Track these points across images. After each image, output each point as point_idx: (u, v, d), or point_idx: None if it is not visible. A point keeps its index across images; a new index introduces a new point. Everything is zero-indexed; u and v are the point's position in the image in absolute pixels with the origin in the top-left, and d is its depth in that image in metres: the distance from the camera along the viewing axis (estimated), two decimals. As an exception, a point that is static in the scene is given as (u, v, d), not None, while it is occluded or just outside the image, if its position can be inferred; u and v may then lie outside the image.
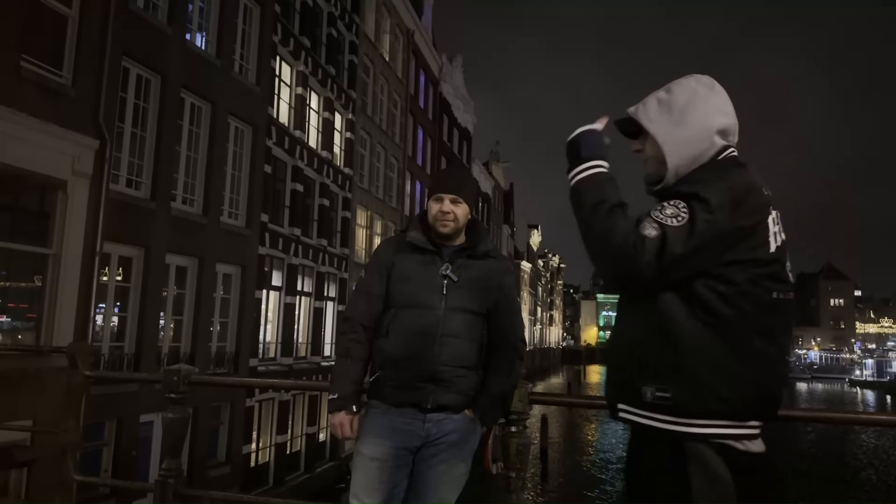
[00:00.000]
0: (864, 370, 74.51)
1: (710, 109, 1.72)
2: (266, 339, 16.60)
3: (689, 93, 1.74)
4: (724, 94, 1.76)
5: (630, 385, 1.65)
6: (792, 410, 2.42)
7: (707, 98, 1.73)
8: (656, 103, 1.77)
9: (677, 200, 1.58)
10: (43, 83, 9.60)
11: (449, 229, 2.43)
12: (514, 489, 2.59)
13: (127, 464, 11.34)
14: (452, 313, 2.34)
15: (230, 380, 12.82)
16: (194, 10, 13.82)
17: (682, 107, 1.72)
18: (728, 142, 1.74)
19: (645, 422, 1.64)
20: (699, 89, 1.74)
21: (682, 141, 1.71)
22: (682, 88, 1.76)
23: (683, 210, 1.55)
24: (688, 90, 1.75)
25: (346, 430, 2.33)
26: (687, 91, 1.74)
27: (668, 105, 1.74)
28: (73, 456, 3.37)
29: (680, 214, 1.55)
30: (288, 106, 17.77)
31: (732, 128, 1.75)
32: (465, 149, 39.03)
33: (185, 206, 13.25)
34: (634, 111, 1.81)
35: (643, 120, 1.77)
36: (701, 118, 1.71)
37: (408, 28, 28.06)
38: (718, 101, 1.74)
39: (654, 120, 1.75)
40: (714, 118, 1.72)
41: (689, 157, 1.70)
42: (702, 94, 1.73)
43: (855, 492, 22.54)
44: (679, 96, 1.74)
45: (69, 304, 9.96)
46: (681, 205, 1.56)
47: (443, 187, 2.46)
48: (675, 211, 1.56)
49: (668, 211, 1.56)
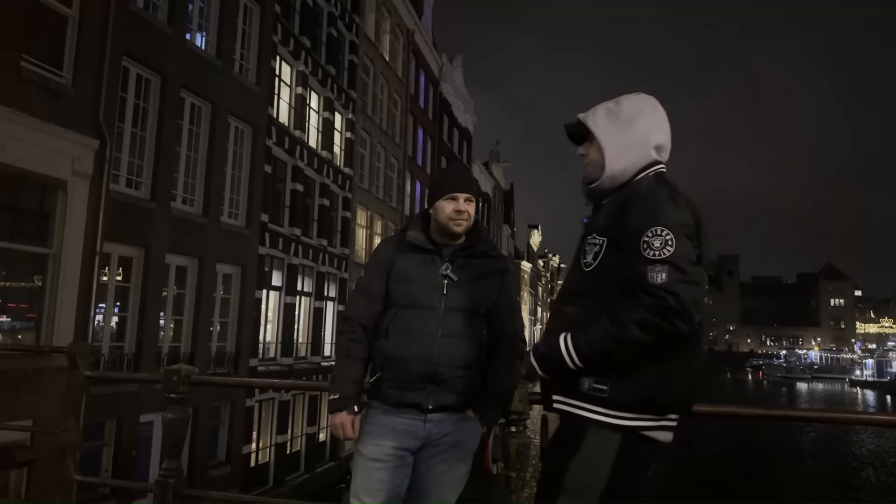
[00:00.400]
0: (865, 370, 74.46)
1: (652, 125, 1.92)
2: (266, 339, 16.60)
3: (636, 107, 1.93)
4: (664, 116, 1.96)
5: (569, 377, 1.81)
6: (792, 410, 2.44)
7: (651, 115, 1.93)
8: (605, 112, 1.95)
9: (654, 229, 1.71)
10: (43, 83, 9.60)
11: (463, 229, 2.42)
12: (514, 489, 2.59)
13: (127, 464, 11.34)
14: (452, 313, 2.34)
15: (230, 380, 12.83)
16: (194, 10, 13.82)
17: (628, 118, 1.91)
18: (661, 157, 1.93)
19: (577, 412, 1.78)
20: (644, 107, 1.94)
21: (622, 147, 1.89)
22: (630, 102, 1.95)
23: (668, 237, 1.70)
24: (635, 105, 1.94)
25: (346, 430, 2.32)
26: (634, 105, 1.94)
27: (616, 114, 1.93)
28: (73, 456, 3.37)
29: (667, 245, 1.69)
30: (288, 106, 17.77)
31: (666, 146, 1.94)
32: (465, 149, 39.03)
33: (185, 206, 13.25)
34: (584, 116, 1.99)
35: (591, 124, 1.95)
36: (643, 130, 1.90)
37: (408, 28, 28.06)
38: (660, 119, 1.94)
39: (600, 125, 1.93)
40: (654, 133, 1.91)
41: (625, 163, 1.88)
42: (646, 110, 1.93)
43: (855, 492, 22.54)
44: (626, 108, 1.93)
45: (69, 304, 9.96)
46: (666, 234, 1.70)
47: (457, 186, 2.44)
48: (661, 242, 1.70)
49: (656, 243, 1.70)
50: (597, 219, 1.93)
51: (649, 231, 1.70)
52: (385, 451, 2.29)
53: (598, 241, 1.85)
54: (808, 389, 66.22)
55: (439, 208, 2.43)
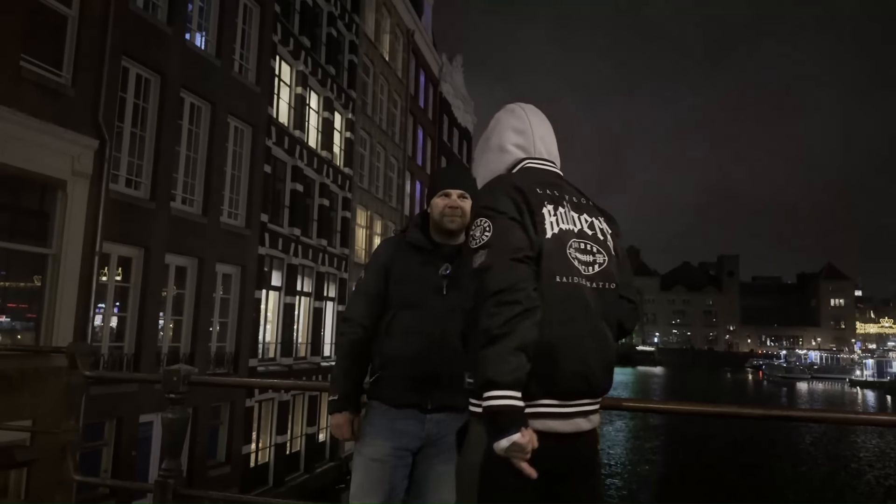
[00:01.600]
0: (865, 370, 74.51)
1: (505, 130, 2.06)
2: (266, 340, 16.61)
3: (495, 121, 2.11)
4: (522, 115, 2.07)
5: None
6: (792, 410, 2.42)
7: (505, 121, 2.08)
8: (481, 139, 2.16)
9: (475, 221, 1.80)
10: (43, 83, 9.60)
11: (456, 225, 2.42)
12: (514, 489, 2.58)
13: (127, 464, 11.34)
14: (452, 313, 2.34)
15: (230, 380, 12.83)
16: (194, 9, 13.82)
17: (488, 134, 2.11)
18: (528, 153, 2.03)
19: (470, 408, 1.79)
20: (502, 115, 2.10)
21: (484, 161, 2.08)
22: (493, 120, 2.13)
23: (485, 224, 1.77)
24: (495, 119, 2.12)
25: (346, 430, 2.32)
26: (494, 120, 2.12)
27: (484, 137, 2.13)
28: (72, 456, 3.36)
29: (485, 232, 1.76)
30: (288, 106, 17.78)
31: (526, 143, 2.04)
32: (465, 149, 39.06)
33: (184, 206, 13.25)
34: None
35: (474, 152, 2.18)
36: (497, 139, 2.06)
37: (408, 28, 28.07)
38: (514, 121, 2.07)
39: (475, 153, 2.16)
40: (507, 136, 2.05)
41: (487, 172, 2.05)
42: (502, 118, 2.09)
43: (855, 492, 22.55)
44: (489, 126, 2.12)
45: (69, 304, 9.96)
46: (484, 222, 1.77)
47: (449, 183, 2.46)
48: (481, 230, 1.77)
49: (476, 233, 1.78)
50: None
51: (474, 223, 1.80)
52: (385, 451, 2.29)
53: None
54: (808, 389, 66.27)
55: (434, 205, 2.45)
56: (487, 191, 1.89)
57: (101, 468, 11.19)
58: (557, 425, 1.74)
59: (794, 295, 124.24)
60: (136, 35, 11.51)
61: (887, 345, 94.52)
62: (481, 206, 1.82)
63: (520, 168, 2.00)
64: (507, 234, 1.74)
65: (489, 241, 1.74)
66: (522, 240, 1.75)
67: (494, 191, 1.86)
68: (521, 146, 2.03)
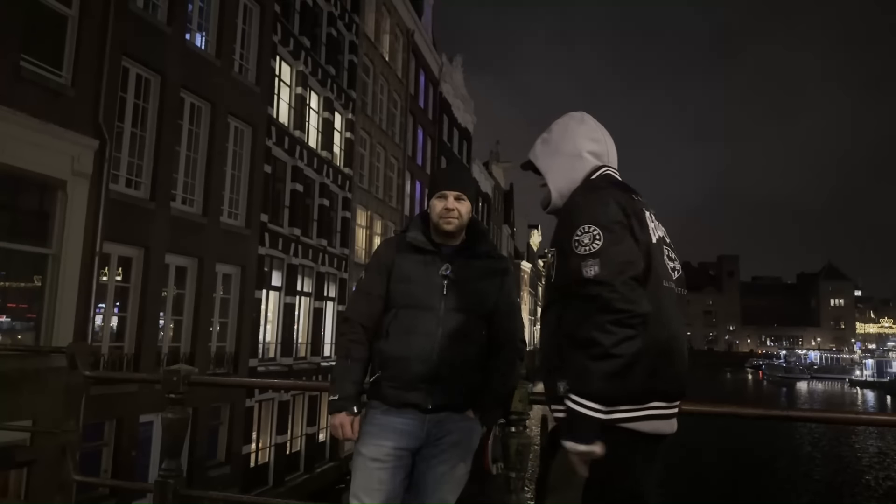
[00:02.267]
0: (865, 370, 74.49)
1: (579, 137, 2.06)
2: (266, 340, 16.60)
3: (562, 127, 2.11)
4: (592, 124, 2.11)
5: (551, 386, 1.86)
6: (792, 410, 2.44)
7: (576, 129, 2.08)
8: (541, 142, 2.14)
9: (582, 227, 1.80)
10: (43, 83, 9.60)
11: (453, 227, 2.42)
12: (513, 489, 2.59)
13: (127, 464, 11.34)
14: (452, 314, 2.34)
15: (230, 380, 12.82)
16: (194, 10, 13.82)
17: (556, 140, 2.09)
18: (602, 161, 2.06)
19: (559, 415, 1.81)
20: (570, 123, 2.11)
21: (557, 168, 2.06)
22: (557, 125, 2.12)
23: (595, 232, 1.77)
24: (561, 125, 2.12)
25: (346, 431, 2.32)
26: (560, 126, 2.11)
27: (548, 141, 2.11)
28: (72, 456, 3.36)
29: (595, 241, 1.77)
30: (288, 106, 17.77)
31: (602, 151, 2.07)
32: (465, 149, 39.04)
33: (184, 206, 13.25)
34: (531, 153, 2.16)
35: (533, 157, 2.14)
36: (570, 146, 2.06)
37: (408, 28, 28.07)
38: (586, 129, 2.09)
39: (539, 156, 2.12)
40: (583, 143, 2.05)
41: (565, 180, 2.03)
42: (572, 126, 2.09)
43: (855, 492, 22.54)
44: (555, 132, 2.11)
45: (69, 304, 9.96)
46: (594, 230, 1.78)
47: (446, 184, 2.46)
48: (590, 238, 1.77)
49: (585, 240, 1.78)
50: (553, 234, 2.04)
51: (578, 230, 1.79)
52: (385, 452, 2.29)
53: (551, 252, 1.95)
54: (808, 389, 66.23)
55: (432, 206, 2.46)
56: (592, 197, 1.88)
57: (101, 468, 11.18)
58: (663, 426, 1.80)
59: (794, 295, 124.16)
60: (136, 35, 11.50)
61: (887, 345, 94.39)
62: (588, 212, 1.81)
63: (600, 175, 2.02)
64: (620, 245, 1.76)
65: (601, 251, 1.74)
66: (634, 252, 1.77)
67: (601, 196, 1.86)
68: (597, 154, 2.06)
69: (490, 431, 2.48)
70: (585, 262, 1.74)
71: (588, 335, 1.68)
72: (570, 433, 1.70)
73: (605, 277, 1.70)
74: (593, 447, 1.67)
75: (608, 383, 1.67)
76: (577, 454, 1.68)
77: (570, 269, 1.77)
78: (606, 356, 1.66)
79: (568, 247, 1.81)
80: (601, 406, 1.68)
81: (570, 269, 1.78)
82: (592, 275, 1.72)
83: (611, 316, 1.67)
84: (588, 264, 1.73)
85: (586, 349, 1.68)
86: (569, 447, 1.69)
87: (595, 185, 1.96)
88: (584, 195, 1.91)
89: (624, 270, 1.72)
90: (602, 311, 1.68)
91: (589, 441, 1.67)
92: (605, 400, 1.68)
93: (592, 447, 1.67)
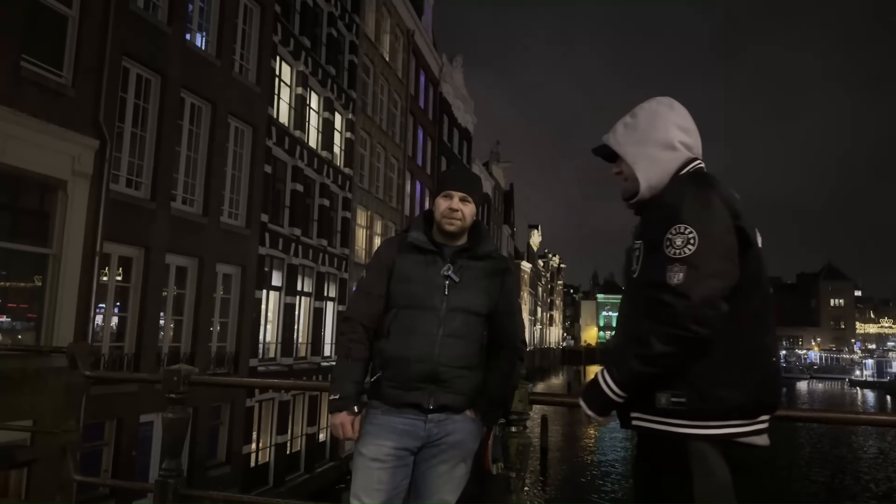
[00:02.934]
0: (865, 370, 74.50)
1: (670, 126, 1.90)
2: (266, 339, 16.60)
3: (650, 113, 1.93)
4: (683, 112, 1.94)
5: (641, 393, 1.74)
6: (792, 411, 2.43)
7: (667, 116, 1.91)
8: (623, 127, 1.97)
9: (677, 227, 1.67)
10: (43, 83, 9.60)
11: (455, 228, 2.42)
12: (514, 489, 2.59)
13: (127, 464, 11.34)
14: (453, 314, 2.34)
15: (230, 380, 12.81)
16: (194, 10, 13.82)
17: (645, 127, 1.92)
18: (692, 154, 1.90)
19: (660, 427, 1.71)
20: (659, 109, 1.93)
21: (648, 157, 1.89)
22: (644, 111, 1.95)
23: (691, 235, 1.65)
24: (648, 111, 1.94)
25: (347, 430, 2.32)
26: (648, 112, 1.94)
27: (634, 127, 1.94)
28: (73, 456, 3.37)
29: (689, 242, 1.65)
30: (288, 106, 17.77)
31: (693, 142, 1.92)
32: (465, 149, 39.04)
33: (185, 206, 13.25)
34: (607, 138, 2.00)
35: (613, 144, 1.97)
36: (662, 135, 1.89)
37: (408, 28, 28.07)
38: (677, 118, 1.92)
39: (622, 142, 1.95)
40: (674, 133, 1.89)
41: (657, 171, 1.88)
42: (662, 112, 1.92)
43: (855, 493, 22.53)
44: (641, 118, 1.94)
45: (69, 304, 9.96)
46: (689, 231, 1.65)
47: (453, 185, 2.45)
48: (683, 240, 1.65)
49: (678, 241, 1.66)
50: (638, 226, 1.92)
51: (672, 229, 1.67)
52: (385, 452, 2.29)
53: (637, 246, 1.84)
54: (808, 389, 66.23)
55: (437, 205, 2.46)
56: (694, 194, 1.72)
57: (101, 468, 11.18)
58: (761, 440, 1.75)
59: (793, 295, 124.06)
60: (136, 35, 11.51)
61: (887, 345, 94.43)
62: (689, 212, 1.68)
63: (694, 169, 1.87)
64: (713, 254, 1.63)
65: (691, 258, 1.62)
66: (728, 263, 1.65)
67: (704, 196, 1.71)
68: (688, 145, 1.90)
69: (490, 431, 2.48)
70: (672, 267, 1.64)
71: (644, 334, 1.66)
72: (585, 395, 1.84)
73: (686, 289, 1.60)
74: (598, 417, 1.83)
75: (635, 382, 1.72)
76: (588, 416, 1.85)
77: (654, 268, 1.69)
78: (648, 362, 1.66)
79: (656, 244, 1.71)
80: (620, 392, 1.75)
81: (653, 268, 1.70)
82: (675, 282, 1.62)
83: (673, 329, 1.60)
84: (674, 269, 1.63)
85: (636, 344, 1.68)
86: (581, 405, 1.85)
87: (697, 181, 1.80)
88: (684, 191, 1.75)
89: (710, 284, 1.60)
90: (667, 321, 1.61)
91: (597, 411, 1.82)
92: (624, 391, 1.75)
93: (597, 416, 1.83)
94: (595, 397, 1.80)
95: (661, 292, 1.64)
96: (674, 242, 1.65)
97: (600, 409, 1.81)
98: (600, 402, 1.80)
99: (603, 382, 1.77)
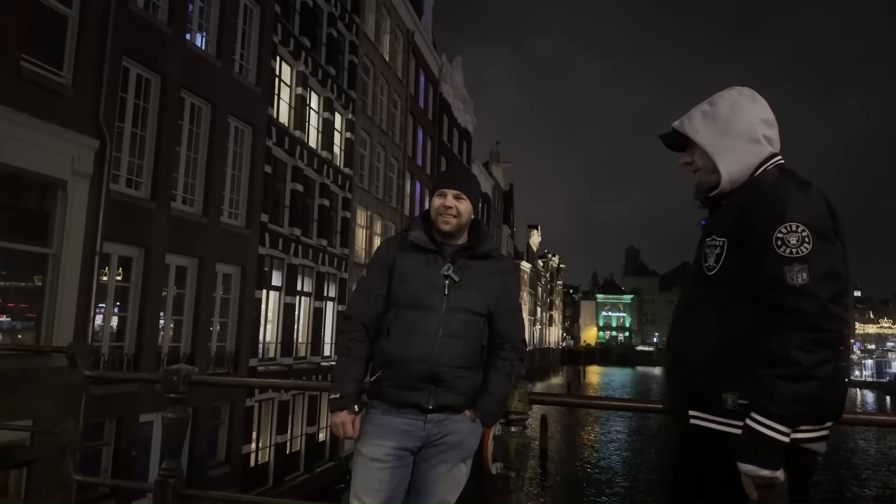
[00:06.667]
0: (864, 371, 74.56)
1: (754, 119, 1.81)
2: (266, 339, 16.60)
3: (732, 104, 1.82)
4: (765, 105, 1.84)
5: (706, 393, 1.68)
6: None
7: (750, 108, 1.82)
8: (701, 115, 1.85)
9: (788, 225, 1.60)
10: (43, 83, 9.60)
11: (450, 226, 2.41)
12: (513, 489, 2.59)
13: (127, 464, 11.34)
14: (454, 313, 2.34)
15: (230, 380, 12.80)
16: (194, 10, 13.82)
17: (727, 117, 1.81)
18: (774, 149, 1.82)
19: (721, 428, 1.66)
20: (741, 100, 1.83)
21: (730, 149, 1.79)
22: (725, 101, 1.84)
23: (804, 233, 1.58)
24: (730, 101, 1.83)
25: (347, 429, 2.32)
26: (729, 102, 1.83)
27: (713, 117, 1.83)
28: (72, 456, 3.36)
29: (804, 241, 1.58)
30: (288, 106, 17.77)
31: (774, 137, 1.84)
32: (465, 149, 39.04)
33: (185, 206, 13.25)
34: (680, 125, 1.89)
35: (690, 132, 1.86)
36: (746, 127, 1.80)
37: (408, 28, 28.07)
38: (760, 110, 1.83)
39: (700, 131, 1.84)
40: (758, 126, 1.81)
41: (739, 164, 1.78)
42: (744, 103, 1.82)
43: (854, 493, 22.54)
44: (722, 108, 1.82)
45: (69, 304, 9.96)
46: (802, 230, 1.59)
47: (446, 183, 2.46)
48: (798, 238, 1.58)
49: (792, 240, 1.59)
50: (716, 220, 1.82)
51: (783, 227, 1.59)
52: (385, 451, 2.29)
53: (719, 243, 1.74)
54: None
55: (432, 204, 2.46)
56: (799, 191, 1.65)
57: (101, 468, 11.18)
58: (820, 447, 1.71)
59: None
60: (136, 35, 11.50)
61: (886, 345, 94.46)
62: (798, 209, 1.61)
63: (777, 165, 1.80)
64: (830, 252, 1.58)
65: (810, 256, 1.56)
66: (843, 261, 1.61)
67: (810, 193, 1.65)
68: (770, 139, 1.82)
69: (490, 431, 2.48)
70: (791, 267, 1.55)
71: (783, 352, 1.53)
72: (751, 456, 1.55)
73: (814, 289, 1.53)
74: (777, 473, 1.55)
75: (799, 406, 1.54)
76: (759, 478, 1.55)
77: (766, 272, 1.59)
78: (803, 377, 1.52)
79: (757, 242, 1.62)
80: (787, 429, 1.55)
81: (764, 271, 1.59)
82: (800, 283, 1.53)
83: (814, 334, 1.52)
84: (795, 270, 1.54)
85: (778, 366, 1.53)
86: (749, 471, 1.55)
87: (794, 177, 1.72)
88: (783, 185, 1.67)
89: (835, 282, 1.55)
90: (803, 327, 1.52)
91: (774, 466, 1.54)
92: (792, 423, 1.55)
93: (776, 473, 1.55)
94: (767, 453, 1.54)
95: (785, 295, 1.55)
96: (787, 241, 1.58)
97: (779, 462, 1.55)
98: (772, 454, 1.55)
99: (763, 428, 1.55)
